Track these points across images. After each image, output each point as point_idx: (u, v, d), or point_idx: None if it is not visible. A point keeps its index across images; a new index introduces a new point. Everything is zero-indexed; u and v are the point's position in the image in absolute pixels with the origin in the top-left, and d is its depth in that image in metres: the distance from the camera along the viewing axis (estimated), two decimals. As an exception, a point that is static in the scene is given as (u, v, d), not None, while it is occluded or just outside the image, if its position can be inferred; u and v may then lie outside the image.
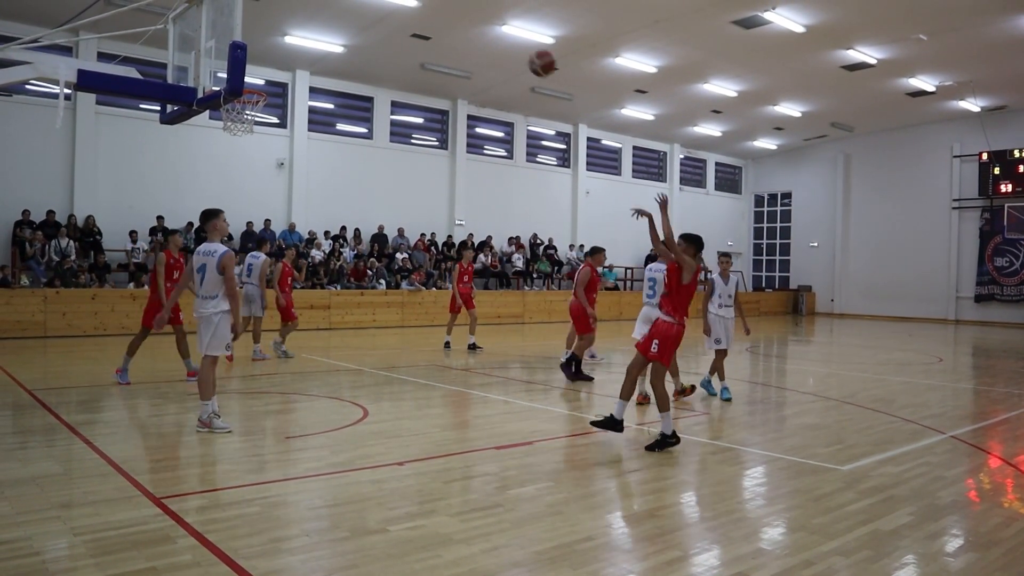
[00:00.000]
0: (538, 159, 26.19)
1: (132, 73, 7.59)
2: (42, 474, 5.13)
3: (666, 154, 30.12)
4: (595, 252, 10.59)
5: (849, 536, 4.26)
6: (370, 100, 21.88)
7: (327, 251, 19.57)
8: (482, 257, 22.37)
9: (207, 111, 8.08)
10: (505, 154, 25.24)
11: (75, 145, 16.93)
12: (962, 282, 26.97)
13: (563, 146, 26.90)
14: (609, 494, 5.16)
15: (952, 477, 5.68)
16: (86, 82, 7.17)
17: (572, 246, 25.93)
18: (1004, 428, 7.90)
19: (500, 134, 25.12)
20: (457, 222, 23.37)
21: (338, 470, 5.42)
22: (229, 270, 6.52)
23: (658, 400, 6.26)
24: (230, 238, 17.96)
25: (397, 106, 22.41)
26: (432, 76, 20.67)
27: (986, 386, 11.29)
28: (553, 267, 24.50)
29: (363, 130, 21.95)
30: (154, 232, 17.58)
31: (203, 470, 5.58)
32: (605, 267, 25.88)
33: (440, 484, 5.16)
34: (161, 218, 17.68)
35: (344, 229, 20.67)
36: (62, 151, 16.88)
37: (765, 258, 33.66)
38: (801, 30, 16.98)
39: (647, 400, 8.21)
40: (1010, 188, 25.35)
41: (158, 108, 9.49)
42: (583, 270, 10.24)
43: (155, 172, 18.12)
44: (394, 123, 22.39)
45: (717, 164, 32.41)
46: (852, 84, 21.56)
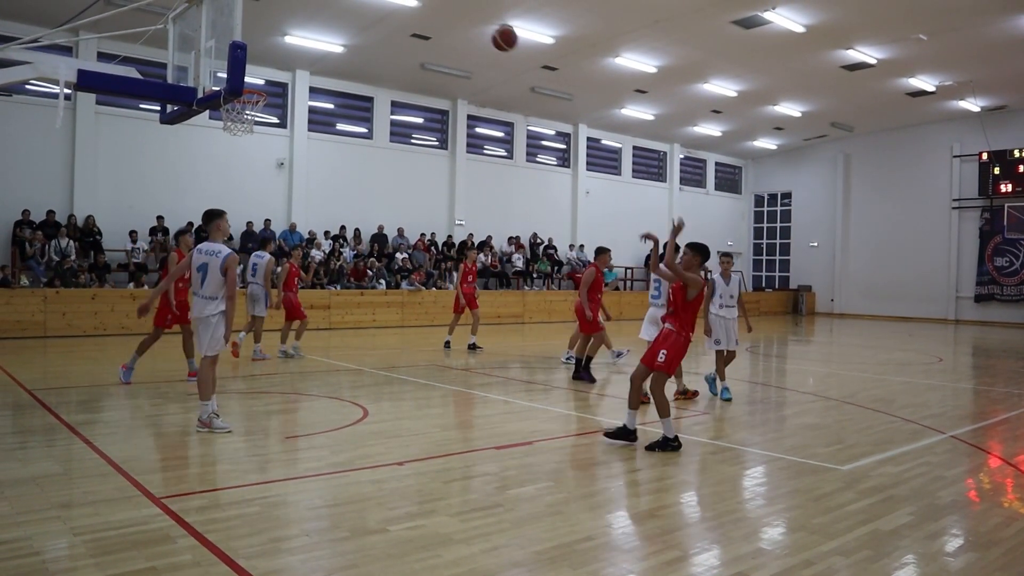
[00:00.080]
0: (538, 159, 26.19)
1: (132, 73, 7.58)
2: (42, 474, 5.13)
3: (666, 154, 30.12)
4: (600, 253, 10.53)
5: (849, 536, 4.26)
6: (370, 100, 21.88)
7: (327, 251, 19.57)
8: (482, 257, 22.37)
9: (207, 111, 8.08)
10: (505, 154, 25.24)
11: (75, 145, 16.93)
12: (962, 282, 26.97)
13: (563, 146, 26.90)
14: (609, 494, 5.16)
15: (952, 477, 5.68)
16: (86, 82, 7.17)
17: (572, 246, 25.92)
18: (1004, 428, 7.90)
19: (500, 134, 25.11)
20: (457, 222, 23.37)
21: (338, 470, 5.42)
22: (232, 272, 6.52)
23: (658, 407, 6.26)
24: (230, 238, 17.96)
25: (397, 106, 22.41)
26: (432, 76, 20.67)
27: (986, 386, 11.29)
28: (553, 267, 24.49)
29: (363, 130, 21.95)
30: (154, 232, 17.58)
31: (203, 470, 5.58)
32: (604, 267, 25.88)
33: (440, 484, 5.16)
34: (161, 218, 17.69)
35: (344, 229, 20.67)
36: (62, 151, 16.88)
37: (765, 258, 33.66)
38: (801, 30, 16.98)
39: (648, 400, 8.20)
40: (1010, 188, 25.35)
41: (158, 108, 9.49)
42: (588, 270, 10.27)
43: (155, 172, 18.12)
44: (394, 123, 22.39)
45: (717, 164, 32.41)
46: (852, 84, 21.56)
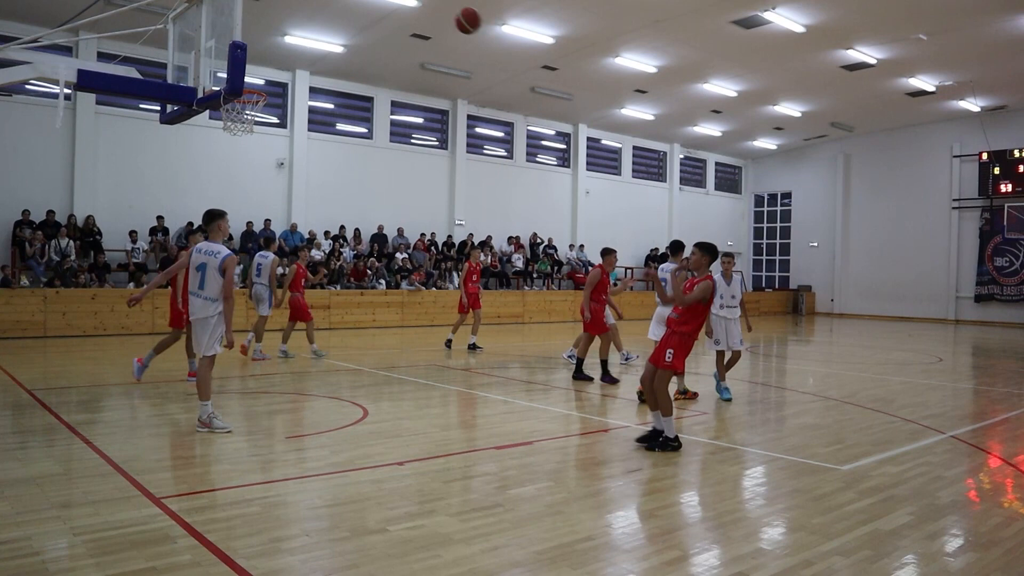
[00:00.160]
0: (538, 159, 26.19)
1: (132, 73, 7.58)
2: (42, 474, 5.13)
3: (666, 154, 30.13)
4: (606, 254, 10.48)
5: (849, 536, 4.26)
6: (370, 100, 21.88)
7: (327, 251, 19.57)
8: (482, 257, 22.35)
9: (207, 111, 8.07)
10: (505, 154, 25.24)
11: (75, 145, 16.93)
12: (962, 282, 26.97)
13: (563, 146, 26.90)
14: (609, 494, 5.16)
15: (952, 477, 5.68)
16: (86, 82, 7.17)
17: (572, 246, 25.93)
18: (1004, 428, 7.90)
19: (500, 134, 25.11)
20: (457, 222, 23.37)
21: (338, 470, 5.42)
22: (230, 272, 6.53)
23: (661, 405, 6.26)
24: (230, 238, 17.97)
25: (397, 106, 22.41)
26: (432, 76, 20.68)
27: (986, 386, 11.29)
28: (553, 267, 24.50)
29: (363, 130, 21.95)
30: (154, 232, 17.58)
31: (203, 470, 5.58)
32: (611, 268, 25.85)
33: (440, 484, 5.17)
34: (161, 218, 17.69)
35: (343, 229, 20.67)
36: (62, 151, 16.88)
37: (765, 258, 33.67)
38: (801, 30, 16.98)
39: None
40: (1010, 188, 25.35)
41: (158, 108, 9.48)
42: (593, 271, 10.24)
43: (155, 172, 18.12)
44: (394, 123, 22.39)
45: (717, 164, 32.42)
46: (852, 84, 21.56)
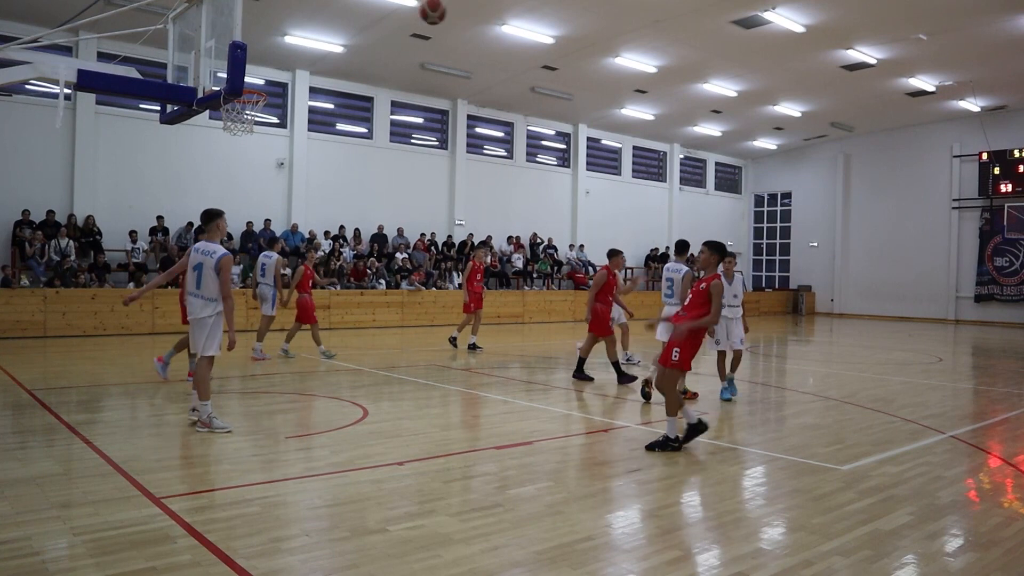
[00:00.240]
0: (538, 159, 26.18)
1: (132, 73, 7.57)
2: (42, 474, 5.13)
3: (666, 154, 30.12)
4: (613, 255, 10.41)
5: (849, 536, 4.26)
6: (370, 100, 21.87)
7: (327, 251, 19.57)
8: (487, 258, 22.37)
9: (207, 111, 8.07)
10: (505, 154, 25.23)
11: (75, 145, 16.93)
12: (962, 282, 26.97)
13: (563, 146, 26.90)
14: (609, 494, 5.16)
15: (952, 477, 5.68)
16: (86, 82, 7.16)
17: (572, 246, 25.93)
18: (1004, 428, 7.90)
19: (500, 134, 25.11)
20: (457, 222, 23.37)
21: (338, 470, 5.43)
22: (226, 272, 6.53)
23: (667, 405, 6.28)
24: (230, 238, 17.97)
25: (397, 106, 22.41)
26: (432, 76, 20.67)
27: (986, 386, 11.29)
28: (553, 267, 24.50)
29: (363, 130, 21.95)
30: (154, 232, 17.58)
31: (203, 470, 5.58)
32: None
33: (440, 484, 5.17)
34: (161, 218, 17.69)
35: (343, 229, 20.67)
36: (62, 151, 16.88)
37: (765, 258, 33.66)
38: (801, 30, 16.97)
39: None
40: (1010, 188, 25.34)
41: (158, 108, 9.48)
42: (599, 273, 10.19)
43: (155, 172, 18.12)
44: (394, 123, 22.39)
45: (717, 164, 32.41)
46: (852, 84, 21.55)
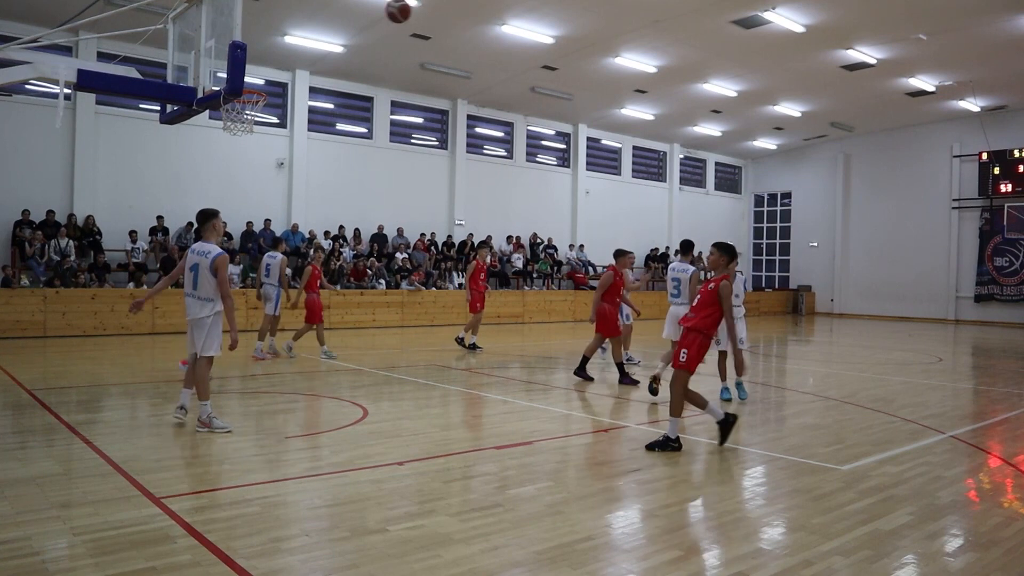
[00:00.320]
0: (538, 159, 26.19)
1: (132, 73, 7.57)
2: (42, 474, 5.13)
3: (666, 154, 30.12)
4: (620, 255, 10.33)
5: (849, 536, 4.26)
6: (370, 100, 21.87)
7: (327, 251, 19.56)
8: (487, 257, 22.35)
9: (207, 111, 8.07)
10: (505, 154, 25.23)
11: (75, 145, 16.93)
12: (962, 282, 26.97)
13: (563, 146, 26.90)
14: (609, 494, 5.15)
15: (952, 477, 5.68)
16: (86, 82, 7.16)
17: (572, 246, 25.93)
18: (1004, 428, 7.90)
19: (500, 134, 25.11)
20: (457, 222, 23.37)
21: (338, 470, 5.42)
22: (222, 272, 6.52)
23: (671, 405, 6.27)
24: (229, 238, 17.98)
25: (397, 106, 22.41)
26: (432, 76, 20.67)
27: (986, 386, 11.29)
28: (553, 267, 24.50)
29: (363, 130, 21.95)
30: (154, 232, 17.58)
31: (203, 470, 5.58)
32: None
33: (440, 484, 5.17)
34: (161, 218, 17.69)
35: (343, 229, 20.67)
36: (62, 151, 16.88)
37: (765, 258, 33.66)
38: (801, 30, 16.98)
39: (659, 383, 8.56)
40: (1010, 188, 25.34)
41: (158, 108, 9.48)
42: (606, 274, 10.12)
43: (155, 172, 18.12)
44: (394, 123, 22.39)
45: (717, 164, 32.42)
46: (852, 84, 21.55)
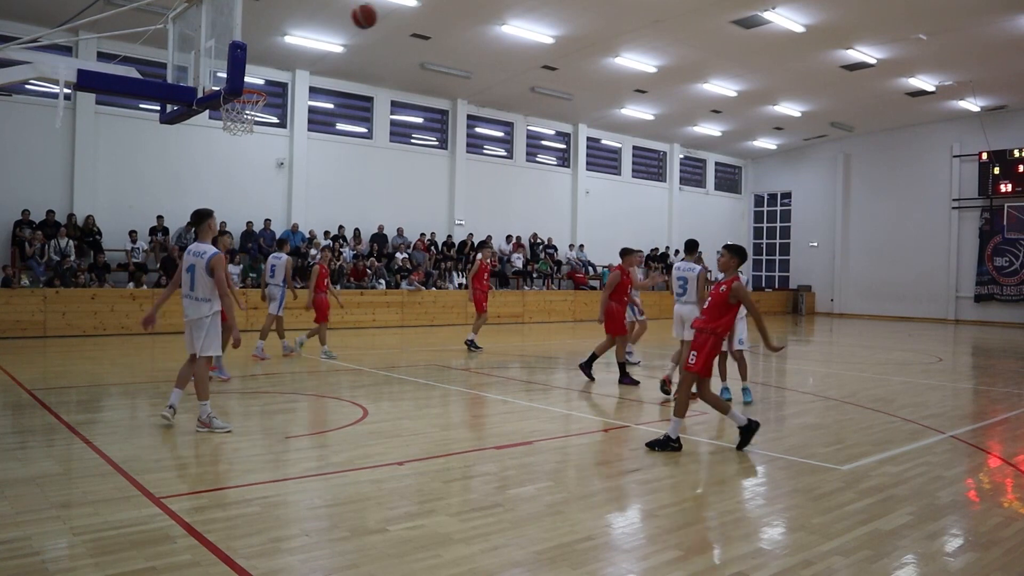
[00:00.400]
0: (538, 159, 26.18)
1: (132, 73, 7.57)
2: (42, 474, 5.13)
3: (666, 154, 30.12)
4: (626, 254, 10.19)
5: (849, 536, 4.26)
6: (370, 100, 21.87)
7: (333, 250, 19.56)
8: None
9: (207, 111, 8.07)
10: (505, 154, 25.23)
11: (75, 145, 16.93)
12: (962, 282, 26.97)
13: (563, 146, 26.90)
14: (609, 494, 5.16)
15: (952, 477, 5.68)
16: (86, 82, 7.16)
17: (572, 246, 25.93)
18: (1004, 428, 7.90)
19: (500, 134, 25.11)
20: (457, 222, 23.37)
21: (338, 470, 5.43)
22: (219, 271, 6.51)
23: (677, 405, 6.28)
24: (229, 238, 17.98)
25: (397, 106, 22.40)
26: (432, 76, 20.67)
27: (986, 386, 11.29)
28: (553, 267, 24.50)
29: (363, 130, 21.95)
30: (154, 232, 17.58)
31: (203, 470, 5.58)
32: (604, 267, 25.89)
33: (440, 484, 5.17)
34: (161, 218, 17.69)
35: (343, 229, 20.67)
36: (62, 151, 16.88)
37: (765, 258, 33.65)
38: (801, 30, 16.97)
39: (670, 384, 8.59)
40: (1010, 188, 25.34)
41: (158, 108, 9.48)
42: (613, 273, 10.02)
43: (155, 172, 18.12)
44: (394, 123, 22.39)
45: (717, 164, 32.41)
46: (852, 84, 21.55)
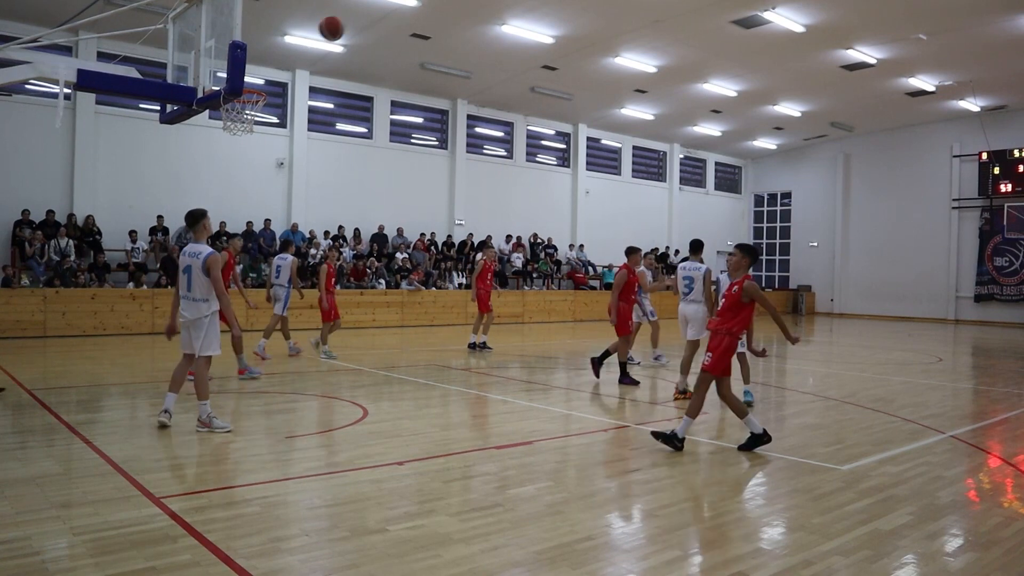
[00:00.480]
0: (538, 159, 26.19)
1: (132, 73, 7.58)
2: (42, 474, 5.13)
3: (666, 154, 30.12)
4: (631, 252, 10.15)
5: (848, 536, 4.26)
6: (370, 100, 21.87)
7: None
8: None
9: (207, 111, 8.08)
10: (505, 154, 25.23)
11: (75, 145, 16.93)
12: (962, 282, 26.97)
13: (563, 146, 26.90)
14: (609, 494, 5.16)
15: (952, 477, 5.68)
16: (86, 82, 7.17)
17: (572, 246, 25.93)
18: (1004, 428, 7.90)
19: (500, 134, 25.11)
20: (457, 222, 23.37)
21: (338, 470, 5.43)
22: (215, 271, 6.50)
23: (691, 403, 6.28)
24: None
25: (397, 106, 22.41)
26: (432, 76, 20.67)
27: (986, 386, 11.29)
28: (553, 267, 24.50)
29: (363, 130, 21.95)
30: (154, 232, 17.58)
31: (203, 470, 5.58)
32: (604, 267, 25.91)
33: (440, 484, 5.17)
34: (161, 218, 17.69)
35: (343, 229, 20.67)
36: (62, 151, 16.88)
37: (765, 258, 33.62)
38: (801, 30, 16.98)
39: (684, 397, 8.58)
40: (1010, 188, 25.35)
41: (158, 108, 9.49)
42: (620, 272, 9.94)
43: (155, 172, 18.13)
44: (394, 123, 22.39)
45: (717, 164, 32.42)
46: (852, 84, 21.55)
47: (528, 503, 4.76)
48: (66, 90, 7.16)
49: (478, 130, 24.42)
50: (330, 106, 21.39)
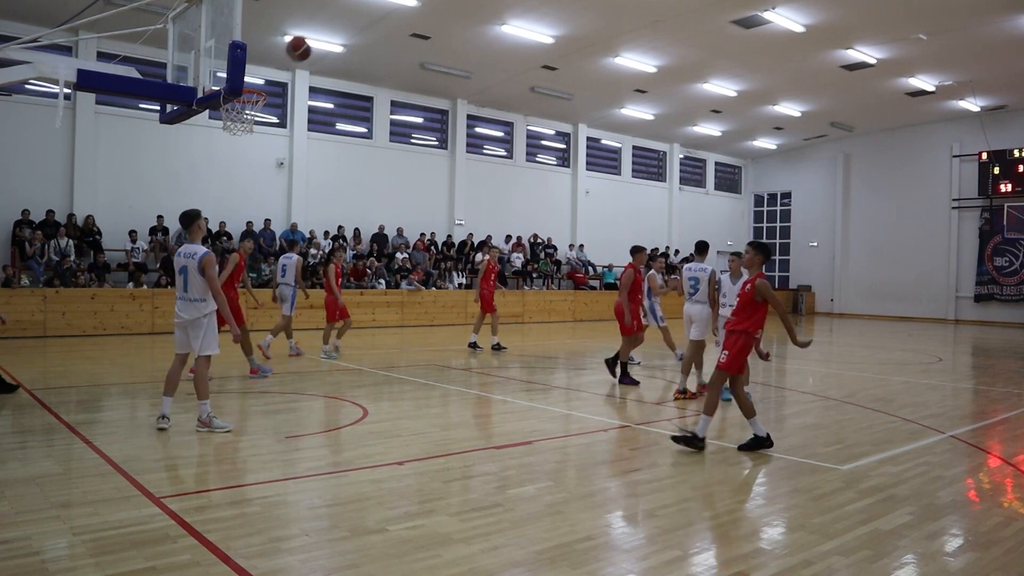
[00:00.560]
0: (538, 159, 26.19)
1: (132, 73, 7.57)
2: (42, 474, 5.13)
3: (666, 154, 30.13)
4: (636, 252, 9.97)
5: (848, 536, 4.27)
6: (370, 100, 21.88)
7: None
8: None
9: (207, 111, 8.07)
10: (505, 154, 25.24)
11: (75, 145, 16.93)
12: (962, 282, 26.98)
13: (563, 146, 26.90)
14: (609, 494, 5.16)
15: (952, 477, 5.68)
16: (86, 82, 7.16)
17: (572, 246, 25.93)
18: (1004, 428, 7.90)
19: (500, 134, 25.11)
20: (457, 222, 23.37)
21: (338, 470, 5.43)
22: (210, 270, 6.51)
23: (707, 402, 6.28)
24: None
25: (397, 106, 22.41)
26: (432, 76, 20.67)
27: (986, 386, 11.29)
28: (553, 267, 24.49)
29: (363, 130, 21.95)
30: (153, 232, 17.58)
31: (203, 470, 5.58)
32: (604, 267, 25.90)
33: (440, 484, 5.17)
34: (161, 218, 17.69)
35: (343, 229, 20.66)
36: (62, 151, 16.88)
37: (765, 258, 33.62)
38: (801, 30, 16.98)
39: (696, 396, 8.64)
40: (1010, 188, 25.36)
41: (158, 108, 9.48)
42: (627, 272, 9.83)
43: (155, 172, 18.12)
44: (394, 123, 22.39)
45: (717, 164, 32.42)
46: (852, 84, 21.55)
47: (528, 503, 4.76)
48: (66, 90, 7.15)
49: (478, 130, 24.42)
50: (330, 106, 21.39)
